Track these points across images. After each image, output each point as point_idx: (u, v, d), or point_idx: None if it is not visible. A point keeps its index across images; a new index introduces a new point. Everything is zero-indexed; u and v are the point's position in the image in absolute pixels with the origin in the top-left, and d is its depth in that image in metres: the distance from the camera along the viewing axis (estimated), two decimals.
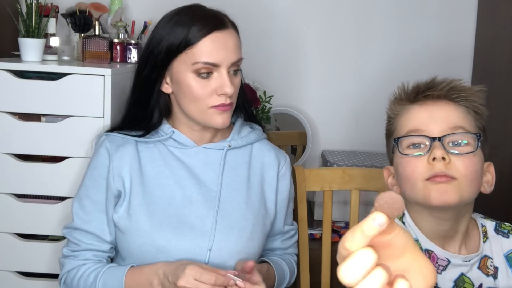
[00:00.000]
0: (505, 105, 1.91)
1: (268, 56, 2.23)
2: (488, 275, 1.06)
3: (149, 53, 1.25)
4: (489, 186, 1.07)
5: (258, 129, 1.38)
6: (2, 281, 1.60)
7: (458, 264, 1.05)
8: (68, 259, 1.26)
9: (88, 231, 1.24)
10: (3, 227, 1.59)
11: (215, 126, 1.24)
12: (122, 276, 1.18)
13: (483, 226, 1.11)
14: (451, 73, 2.26)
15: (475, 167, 1.00)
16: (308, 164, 2.26)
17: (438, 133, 1.00)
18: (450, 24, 2.21)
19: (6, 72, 1.53)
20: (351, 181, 1.54)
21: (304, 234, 1.51)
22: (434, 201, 0.98)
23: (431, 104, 1.03)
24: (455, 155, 0.99)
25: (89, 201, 1.25)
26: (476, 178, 1.01)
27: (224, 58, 1.20)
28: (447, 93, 1.03)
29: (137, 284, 1.17)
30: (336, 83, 2.26)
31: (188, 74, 1.21)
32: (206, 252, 1.22)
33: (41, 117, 1.59)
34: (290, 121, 2.26)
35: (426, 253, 1.05)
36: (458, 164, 0.98)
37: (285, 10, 2.22)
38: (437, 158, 0.97)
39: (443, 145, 0.98)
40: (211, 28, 1.20)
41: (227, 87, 1.19)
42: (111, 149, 1.26)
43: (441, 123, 1.01)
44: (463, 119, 1.02)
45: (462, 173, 0.98)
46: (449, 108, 1.02)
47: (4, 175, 1.57)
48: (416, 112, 1.04)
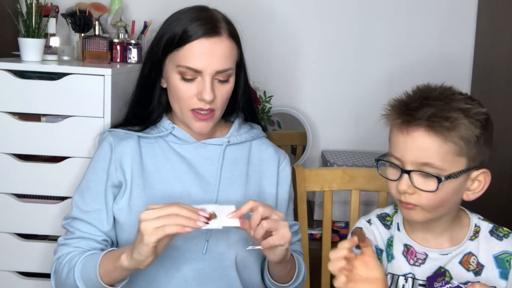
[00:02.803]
0: (505, 106, 1.91)
1: (268, 56, 2.23)
2: (469, 270, 1.13)
3: (151, 49, 1.29)
4: (473, 194, 1.11)
5: (257, 128, 1.40)
6: (2, 281, 1.60)
7: (435, 258, 1.14)
8: (60, 247, 1.27)
9: (85, 221, 1.25)
10: (3, 227, 1.59)
11: (193, 130, 1.26)
12: (99, 256, 1.17)
13: (476, 226, 1.16)
14: (451, 73, 2.28)
15: (440, 197, 1.06)
16: (308, 164, 2.26)
17: (410, 164, 1.06)
18: (450, 25, 2.22)
19: (6, 72, 1.53)
20: (351, 181, 1.54)
21: (304, 234, 1.51)
22: (405, 217, 1.14)
23: (409, 132, 1.06)
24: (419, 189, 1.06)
25: (89, 192, 1.27)
26: (443, 203, 1.08)
27: (207, 65, 1.20)
28: (427, 121, 1.04)
29: (110, 259, 1.14)
30: (336, 83, 2.26)
31: (174, 75, 1.23)
32: (204, 243, 1.23)
33: (41, 117, 1.59)
34: (290, 121, 2.26)
35: (405, 248, 1.17)
36: (422, 196, 1.06)
37: (285, 10, 2.22)
38: (401, 191, 1.07)
39: (410, 179, 1.06)
40: (201, 34, 1.21)
41: (206, 94, 1.20)
42: (113, 142, 1.29)
43: (415, 154, 1.05)
44: (436, 153, 1.04)
45: (424, 204, 1.07)
46: (423, 141, 1.04)
47: (4, 175, 1.57)
48: (395, 137, 1.09)
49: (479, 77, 2.18)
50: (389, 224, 1.23)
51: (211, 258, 1.23)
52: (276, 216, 1.09)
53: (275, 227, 1.08)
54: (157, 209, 1.04)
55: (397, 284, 1.17)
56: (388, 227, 1.22)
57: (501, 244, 1.13)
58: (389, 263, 1.18)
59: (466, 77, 2.22)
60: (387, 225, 1.23)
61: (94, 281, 1.15)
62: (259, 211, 1.07)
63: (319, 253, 1.54)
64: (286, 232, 1.09)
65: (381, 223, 1.23)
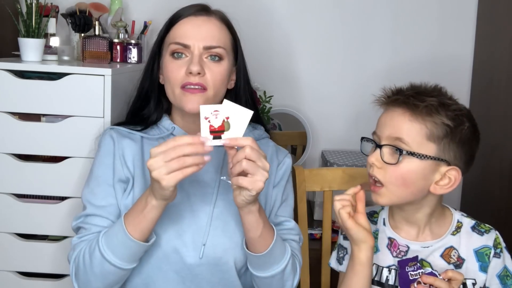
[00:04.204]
0: (505, 106, 1.91)
1: (268, 56, 2.23)
2: (449, 263, 1.20)
3: (152, 46, 1.34)
4: (441, 188, 1.16)
5: (260, 128, 1.40)
6: (2, 281, 1.60)
7: (416, 250, 1.21)
8: (76, 245, 1.22)
9: (101, 215, 1.23)
10: (3, 227, 1.59)
11: (186, 109, 1.24)
12: (120, 219, 1.15)
13: (459, 222, 1.24)
14: (451, 73, 2.28)
15: (401, 174, 1.13)
16: (308, 164, 2.26)
17: (385, 139, 1.15)
18: (450, 25, 2.22)
19: (6, 72, 1.53)
20: (351, 181, 1.54)
21: (304, 234, 1.51)
22: (374, 201, 1.19)
23: (389, 108, 1.17)
24: (386, 164, 1.14)
25: (100, 188, 1.26)
26: (406, 183, 1.14)
27: (195, 39, 1.25)
28: (406, 100, 1.14)
29: (135, 212, 1.13)
30: (336, 83, 2.26)
31: (166, 57, 1.28)
32: (201, 247, 1.22)
33: (41, 117, 1.59)
34: (290, 121, 2.26)
35: (389, 241, 1.25)
36: (386, 171, 1.14)
37: (285, 10, 2.22)
38: (370, 162, 1.16)
39: (380, 153, 1.14)
40: (190, 13, 1.28)
41: (193, 66, 1.22)
42: (115, 138, 1.30)
43: (389, 129, 1.15)
44: (407, 130, 1.13)
45: (387, 180, 1.14)
46: (398, 117, 1.14)
47: (4, 175, 1.57)
48: (380, 116, 1.20)
49: (479, 78, 2.18)
50: (376, 220, 1.30)
51: (209, 262, 1.23)
52: (260, 163, 1.07)
53: (252, 172, 1.06)
54: (162, 153, 1.03)
55: (381, 275, 1.23)
56: (375, 223, 1.29)
57: (482, 239, 1.21)
58: (374, 255, 1.23)
59: (466, 78, 2.22)
60: (373, 221, 1.30)
61: (123, 243, 1.12)
62: (245, 151, 1.06)
63: (319, 253, 1.54)
64: (259, 182, 1.07)
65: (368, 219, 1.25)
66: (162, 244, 1.21)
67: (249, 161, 1.06)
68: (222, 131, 1.06)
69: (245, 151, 1.06)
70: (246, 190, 1.08)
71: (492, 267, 1.19)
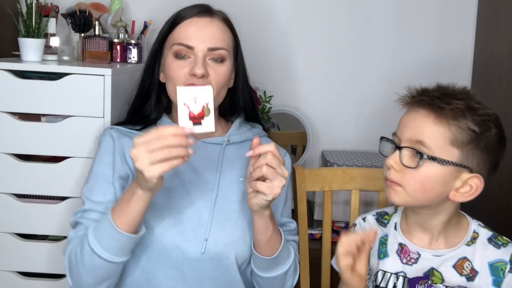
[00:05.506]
0: (505, 106, 1.91)
1: (268, 57, 2.23)
2: (461, 274, 1.13)
3: (153, 45, 1.35)
4: (461, 196, 1.11)
5: (258, 127, 1.41)
6: (2, 281, 1.60)
7: (428, 258, 1.15)
8: (71, 241, 1.22)
9: (99, 211, 1.23)
10: (3, 227, 1.59)
11: None
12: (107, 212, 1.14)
13: (475, 232, 1.17)
14: (451, 72, 2.28)
15: (420, 179, 1.08)
16: (308, 164, 2.26)
17: (405, 141, 1.10)
18: (450, 24, 2.22)
19: (6, 72, 1.53)
20: (351, 181, 1.54)
21: (304, 234, 1.51)
22: (388, 199, 1.14)
23: (413, 109, 1.11)
24: (405, 167, 1.09)
25: (99, 185, 1.26)
26: (424, 188, 1.09)
27: (199, 41, 1.25)
28: (431, 101, 1.08)
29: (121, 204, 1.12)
30: (336, 83, 2.26)
31: (169, 57, 1.28)
32: (203, 242, 1.23)
33: (41, 117, 1.59)
34: (290, 121, 2.26)
35: (399, 247, 1.19)
36: (405, 175, 1.09)
37: (285, 10, 2.22)
38: (388, 165, 1.11)
39: (400, 155, 1.09)
40: (193, 14, 1.28)
41: (197, 68, 1.22)
42: (115, 136, 1.30)
43: (411, 131, 1.09)
44: (429, 134, 1.07)
45: (405, 183, 1.09)
46: (421, 119, 1.09)
47: (4, 175, 1.57)
48: (402, 117, 1.14)
49: (479, 77, 2.18)
50: (386, 222, 1.25)
51: (210, 257, 1.23)
52: (280, 170, 1.10)
53: (271, 178, 1.09)
54: (145, 143, 1.01)
55: (388, 282, 1.18)
56: (384, 225, 1.24)
57: (498, 252, 1.13)
58: (381, 261, 1.20)
59: (466, 77, 2.22)
60: (383, 223, 1.25)
61: (111, 235, 1.11)
62: (267, 158, 1.09)
63: (319, 253, 1.53)
64: (277, 188, 1.10)
65: (376, 221, 1.24)
66: (163, 239, 1.22)
67: (270, 167, 1.09)
68: (203, 117, 1.07)
69: (267, 158, 1.09)
70: (262, 195, 1.11)
71: (506, 283, 1.11)
